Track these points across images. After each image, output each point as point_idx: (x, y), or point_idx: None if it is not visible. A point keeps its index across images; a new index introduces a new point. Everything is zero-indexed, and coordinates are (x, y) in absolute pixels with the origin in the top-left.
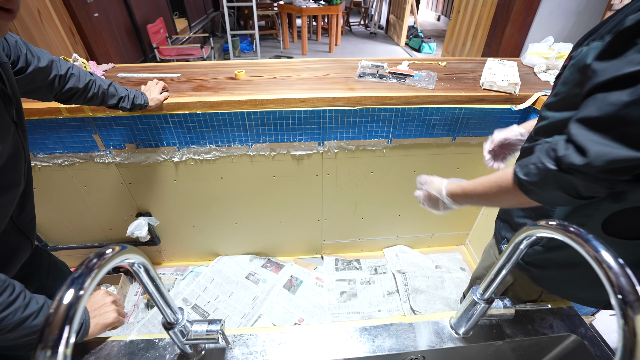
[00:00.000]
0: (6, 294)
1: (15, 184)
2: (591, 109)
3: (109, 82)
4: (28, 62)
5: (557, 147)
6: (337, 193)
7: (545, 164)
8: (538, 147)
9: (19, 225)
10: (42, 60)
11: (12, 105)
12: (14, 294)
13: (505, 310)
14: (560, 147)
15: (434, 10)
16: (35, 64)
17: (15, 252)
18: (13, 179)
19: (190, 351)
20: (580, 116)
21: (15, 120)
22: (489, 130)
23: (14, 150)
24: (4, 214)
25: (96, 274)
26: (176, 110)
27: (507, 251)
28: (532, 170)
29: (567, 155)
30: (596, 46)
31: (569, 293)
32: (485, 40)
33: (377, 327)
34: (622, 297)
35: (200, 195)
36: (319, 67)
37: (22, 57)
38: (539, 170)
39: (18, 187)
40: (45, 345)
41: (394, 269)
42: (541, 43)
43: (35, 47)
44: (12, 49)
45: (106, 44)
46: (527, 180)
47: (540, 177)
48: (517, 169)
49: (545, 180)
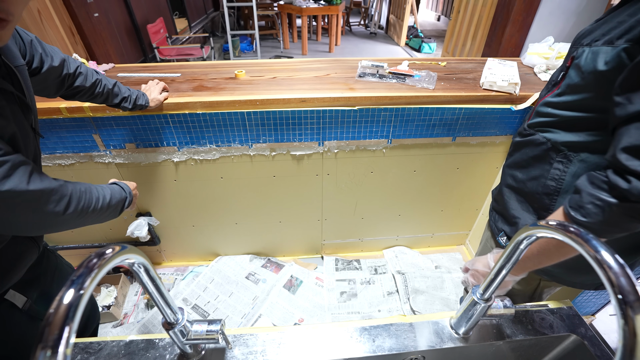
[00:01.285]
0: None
1: None
2: (638, 137)
3: (113, 82)
4: (43, 62)
5: (611, 181)
6: (337, 193)
7: (605, 199)
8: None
9: None
10: (55, 59)
11: (31, 113)
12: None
13: (505, 310)
14: (617, 180)
15: (434, 10)
16: (50, 64)
17: (22, 255)
18: None
19: (190, 351)
20: (627, 145)
21: (34, 126)
22: (489, 130)
23: (33, 157)
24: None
25: (96, 274)
26: (176, 110)
27: (507, 251)
28: (592, 210)
29: (634, 186)
30: (605, 51)
31: (565, 279)
32: (485, 40)
33: (377, 327)
34: (622, 297)
35: (200, 195)
36: (319, 67)
37: (37, 57)
38: (600, 207)
39: None
40: (45, 345)
41: (394, 269)
42: (541, 43)
43: (47, 45)
44: (27, 48)
45: (106, 44)
46: (590, 221)
47: (605, 215)
48: (572, 212)
49: (612, 216)
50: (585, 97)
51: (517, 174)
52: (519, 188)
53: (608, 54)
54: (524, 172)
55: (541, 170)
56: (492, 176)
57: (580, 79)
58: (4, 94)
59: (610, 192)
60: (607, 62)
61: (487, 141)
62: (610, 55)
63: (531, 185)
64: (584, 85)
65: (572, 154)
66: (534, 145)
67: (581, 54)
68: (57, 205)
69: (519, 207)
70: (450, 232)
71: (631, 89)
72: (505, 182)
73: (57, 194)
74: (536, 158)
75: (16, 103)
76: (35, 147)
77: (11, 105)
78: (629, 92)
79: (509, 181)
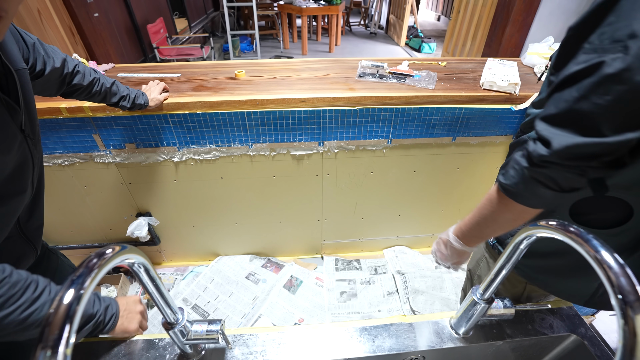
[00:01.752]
0: (29, 291)
1: (21, 192)
2: (550, 107)
3: (112, 81)
4: (45, 64)
5: (527, 146)
6: (337, 193)
7: (520, 163)
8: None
9: (25, 231)
10: (56, 60)
11: (18, 114)
12: (38, 290)
13: (505, 310)
14: (530, 144)
15: (434, 10)
16: (52, 65)
17: (18, 259)
18: (18, 188)
19: (190, 351)
20: (542, 114)
21: (24, 128)
22: (489, 130)
23: (20, 159)
24: (8, 222)
25: (96, 273)
26: (176, 110)
27: (507, 251)
28: (511, 173)
29: (535, 149)
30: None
31: (548, 285)
32: (485, 40)
33: (377, 327)
34: (622, 297)
35: (200, 195)
36: (319, 67)
37: (40, 60)
38: (516, 170)
39: (23, 195)
40: (45, 344)
41: (394, 269)
42: (541, 43)
43: (47, 46)
44: (30, 51)
45: (106, 44)
46: (509, 184)
47: (519, 177)
48: (499, 176)
49: (523, 179)
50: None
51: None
52: None
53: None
54: None
55: None
56: (492, 176)
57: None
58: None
59: (526, 157)
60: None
61: (487, 141)
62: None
63: None
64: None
65: None
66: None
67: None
68: None
69: None
70: None
71: (557, 68)
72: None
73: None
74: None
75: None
76: (24, 150)
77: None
78: (557, 71)
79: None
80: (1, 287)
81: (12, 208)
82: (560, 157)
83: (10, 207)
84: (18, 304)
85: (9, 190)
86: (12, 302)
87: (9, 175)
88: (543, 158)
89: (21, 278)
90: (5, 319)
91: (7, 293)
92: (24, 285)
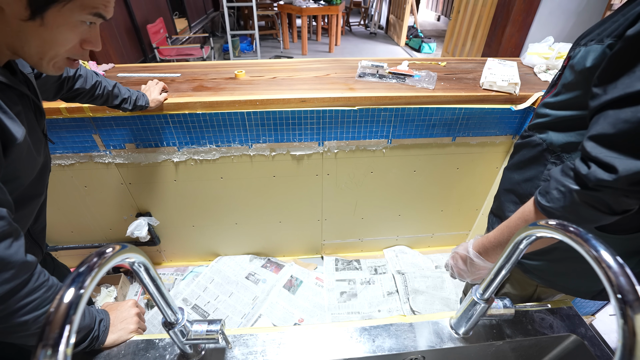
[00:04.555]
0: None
1: (39, 194)
2: (605, 126)
3: (113, 83)
4: None
5: (576, 167)
6: (337, 193)
7: (568, 185)
8: (552, 172)
9: (32, 233)
10: None
11: (43, 118)
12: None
13: (505, 310)
14: (580, 166)
15: (434, 10)
16: None
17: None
18: (38, 190)
19: (190, 351)
20: (594, 134)
21: (45, 132)
22: (489, 130)
23: (43, 162)
24: (25, 224)
25: (97, 273)
26: (176, 110)
27: (507, 251)
28: (555, 195)
29: (593, 173)
30: (595, 49)
31: (559, 284)
32: (485, 40)
33: (377, 327)
34: (622, 297)
35: (200, 195)
36: (319, 67)
37: None
38: (563, 193)
39: (40, 198)
40: (45, 343)
41: (394, 269)
42: (541, 43)
43: None
44: None
45: (106, 44)
46: (553, 207)
47: (566, 200)
48: (538, 197)
49: (572, 202)
50: (577, 94)
51: (514, 176)
52: (514, 190)
53: (597, 51)
54: (520, 174)
55: (536, 171)
56: (492, 176)
57: (573, 77)
58: (22, 98)
59: (574, 179)
60: (595, 58)
61: (487, 141)
62: (598, 52)
63: (525, 187)
64: (575, 83)
65: (565, 155)
66: (531, 147)
67: (577, 53)
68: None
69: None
70: (450, 232)
71: (606, 80)
72: (503, 184)
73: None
74: (532, 159)
75: (31, 109)
76: (47, 153)
77: (26, 111)
78: (605, 84)
79: (507, 183)
80: (40, 289)
81: (31, 210)
82: (625, 183)
83: (31, 209)
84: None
85: (30, 193)
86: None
87: (34, 178)
88: (604, 183)
89: (55, 282)
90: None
91: (43, 296)
92: (56, 290)
